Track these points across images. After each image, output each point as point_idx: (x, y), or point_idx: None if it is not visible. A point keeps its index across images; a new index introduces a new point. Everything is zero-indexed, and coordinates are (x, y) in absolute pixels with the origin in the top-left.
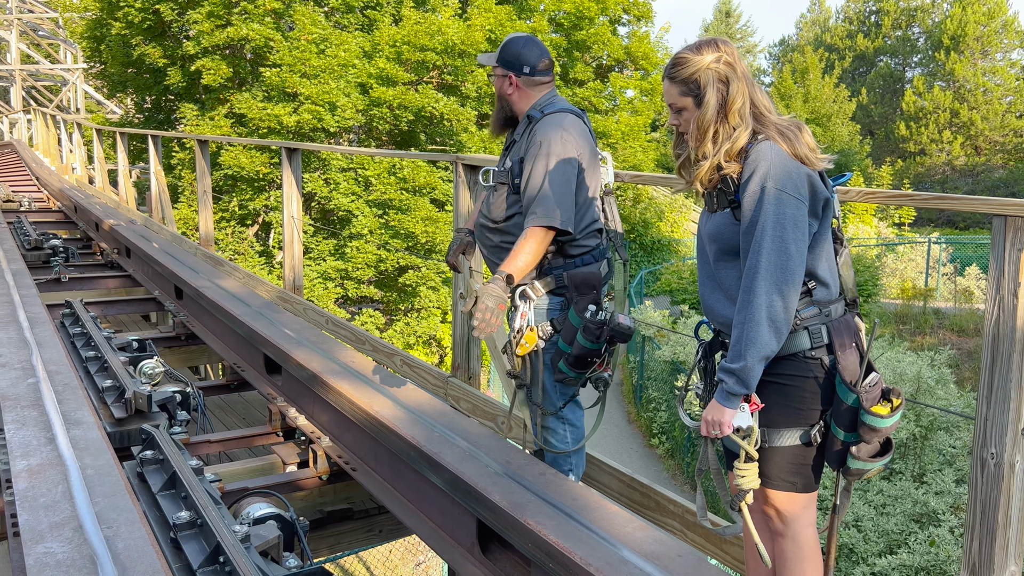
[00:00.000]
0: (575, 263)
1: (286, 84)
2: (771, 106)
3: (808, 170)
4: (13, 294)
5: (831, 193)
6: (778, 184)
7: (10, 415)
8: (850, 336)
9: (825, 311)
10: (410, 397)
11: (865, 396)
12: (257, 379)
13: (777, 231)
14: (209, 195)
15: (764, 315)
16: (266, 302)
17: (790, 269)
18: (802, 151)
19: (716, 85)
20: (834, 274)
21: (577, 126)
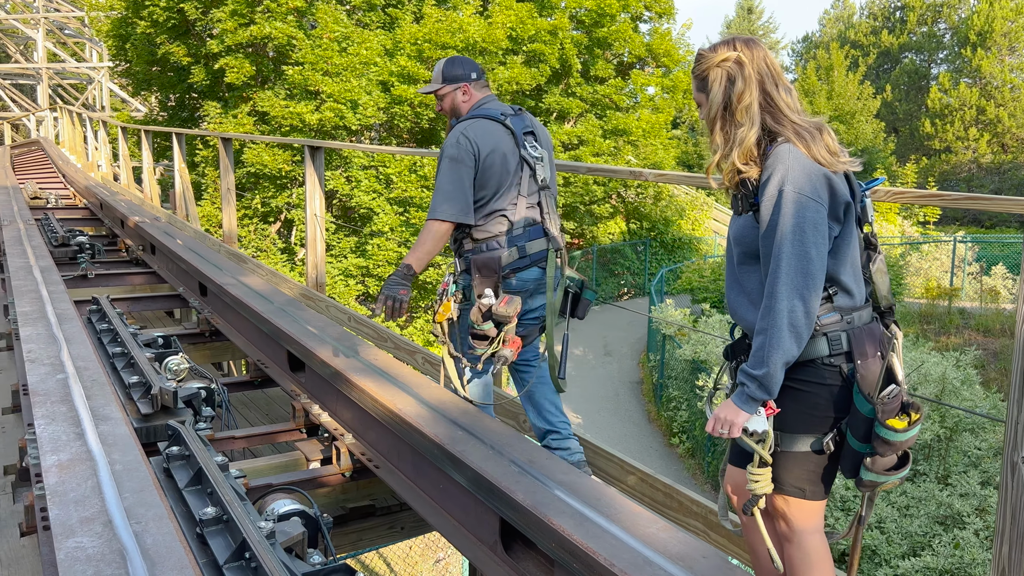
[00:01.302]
0: (480, 248)
1: (308, 82)
2: (795, 105)
3: (827, 172)
4: (42, 290)
5: (863, 197)
6: (796, 187)
7: (40, 410)
8: (873, 345)
9: (847, 318)
10: (433, 395)
11: (882, 408)
12: (281, 376)
13: (797, 235)
14: (232, 192)
15: (786, 321)
16: (289, 299)
17: (811, 274)
18: (820, 153)
19: (722, 82)
20: (859, 280)
21: (482, 128)
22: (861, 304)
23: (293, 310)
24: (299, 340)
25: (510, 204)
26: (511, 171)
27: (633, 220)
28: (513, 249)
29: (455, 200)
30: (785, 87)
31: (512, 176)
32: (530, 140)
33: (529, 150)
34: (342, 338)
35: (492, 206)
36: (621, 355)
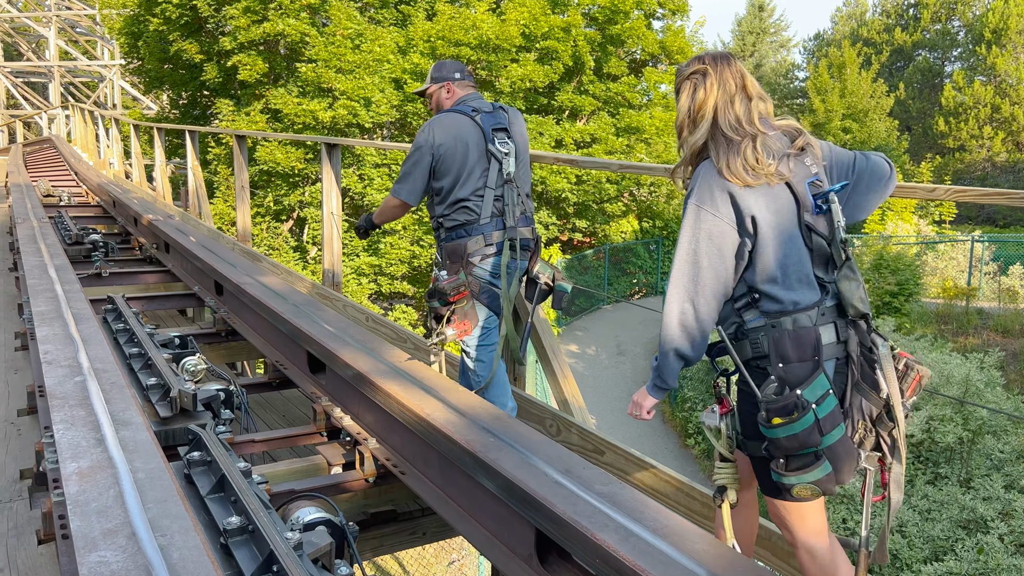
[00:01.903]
0: (450, 236)
1: (321, 79)
2: (750, 116)
3: (733, 188)
4: (57, 289)
5: (820, 205)
6: (698, 200)
7: (59, 414)
8: (798, 350)
9: (773, 322)
10: (460, 399)
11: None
12: (300, 377)
13: (691, 244)
14: (247, 190)
15: (676, 321)
16: (307, 299)
17: (701, 281)
18: (735, 168)
19: (688, 92)
20: (790, 287)
21: (448, 122)
22: (793, 309)
23: (312, 310)
24: (319, 341)
25: (475, 195)
26: (473, 163)
27: (645, 219)
28: (479, 237)
29: (405, 183)
30: (748, 97)
31: (475, 168)
32: (500, 136)
33: (498, 145)
34: (363, 339)
35: (455, 195)
36: (635, 355)
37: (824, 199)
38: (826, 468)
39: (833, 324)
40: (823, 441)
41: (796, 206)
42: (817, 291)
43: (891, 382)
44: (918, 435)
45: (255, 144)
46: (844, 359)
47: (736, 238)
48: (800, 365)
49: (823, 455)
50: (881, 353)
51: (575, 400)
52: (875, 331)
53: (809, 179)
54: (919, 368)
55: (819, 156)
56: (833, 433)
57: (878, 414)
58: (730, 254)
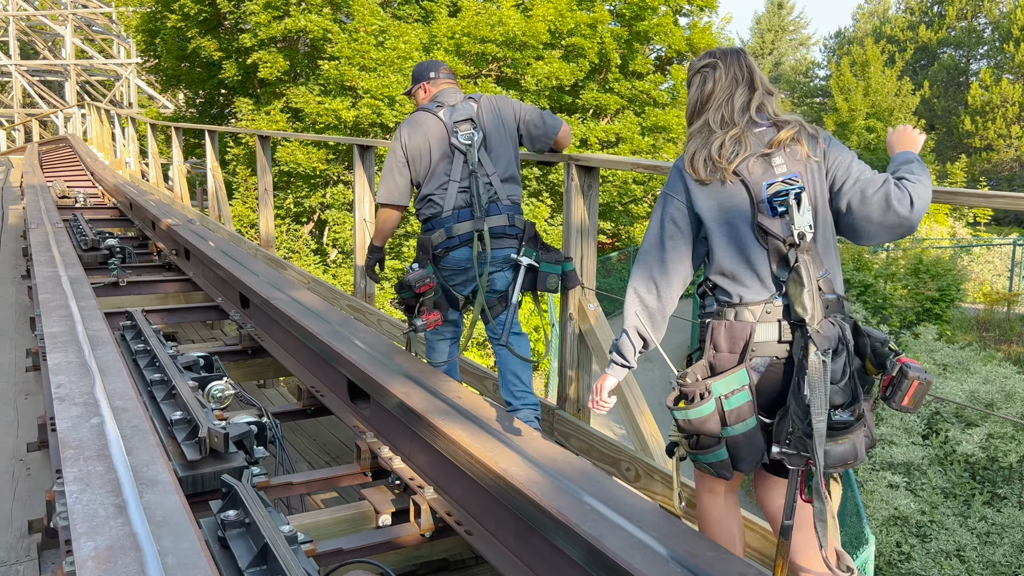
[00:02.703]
0: (423, 231)
1: (344, 77)
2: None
3: (689, 180)
4: (71, 305)
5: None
6: (666, 187)
7: (72, 470)
8: (729, 341)
9: (720, 311)
10: (537, 448)
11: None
12: (340, 407)
13: (657, 228)
14: (270, 194)
15: (635, 298)
16: (344, 317)
17: (663, 261)
18: (697, 159)
19: (698, 85)
20: (739, 282)
21: (415, 121)
22: (738, 303)
23: (351, 331)
24: (362, 368)
25: (439, 189)
26: (437, 159)
27: None
28: (441, 231)
29: (387, 186)
30: (751, 91)
31: (439, 163)
32: (463, 128)
33: (460, 138)
34: (411, 367)
35: (423, 191)
36: (662, 360)
37: (781, 201)
38: (722, 455)
39: (777, 323)
40: (723, 431)
41: (751, 206)
42: (770, 289)
43: (814, 394)
44: (976, 453)
45: (275, 144)
46: (784, 359)
47: (695, 225)
48: (728, 356)
49: (723, 442)
50: (810, 361)
51: (653, 438)
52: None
53: (771, 180)
54: (916, 374)
55: (804, 156)
56: (737, 426)
57: (804, 419)
58: (691, 239)
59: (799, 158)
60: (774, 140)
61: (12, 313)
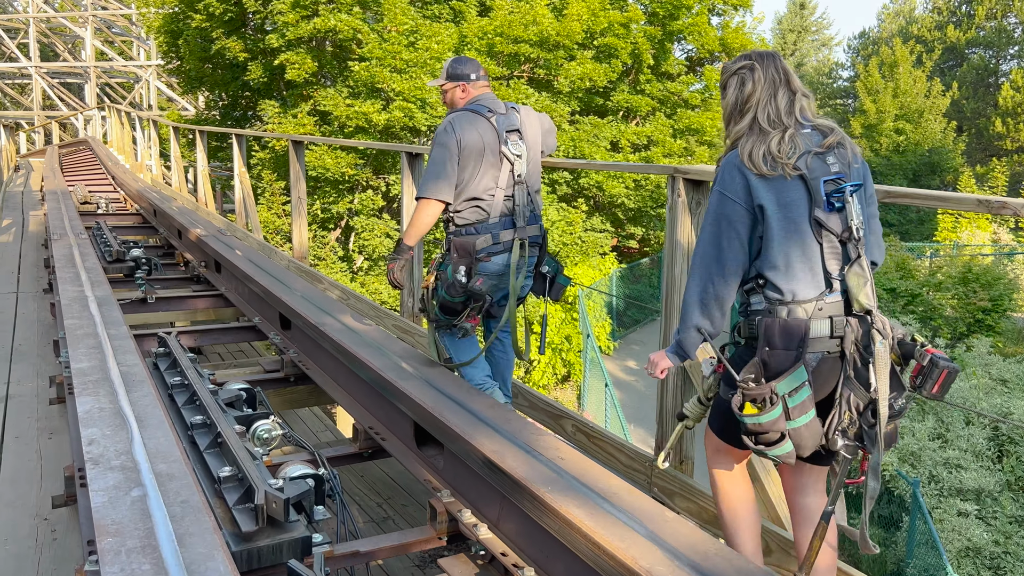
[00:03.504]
0: (460, 232)
1: (375, 79)
2: (789, 108)
3: (749, 175)
4: (101, 333)
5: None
6: (720, 186)
7: (113, 566)
8: (784, 339)
9: (771, 308)
10: (678, 535)
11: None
12: (404, 454)
13: (713, 227)
14: (304, 202)
15: (696, 297)
16: (405, 349)
17: (721, 260)
18: (756, 156)
19: (736, 86)
20: (793, 278)
21: (466, 120)
22: (791, 300)
23: (415, 365)
24: (431, 410)
25: (487, 194)
26: (487, 163)
27: None
28: (488, 235)
29: (438, 181)
30: (791, 92)
31: (489, 169)
32: (513, 138)
33: (510, 147)
34: (494, 414)
35: (468, 193)
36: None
37: (839, 196)
38: (788, 447)
39: (829, 319)
40: (788, 425)
41: (808, 201)
42: (821, 285)
43: (881, 380)
44: None
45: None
46: (838, 353)
47: (751, 223)
48: (784, 353)
49: (788, 436)
50: (876, 350)
51: (784, 504)
52: (877, 329)
53: (827, 177)
54: (946, 364)
55: (849, 158)
56: (800, 419)
57: (864, 408)
58: (747, 237)
59: (846, 160)
60: (825, 142)
61: (34, 333)
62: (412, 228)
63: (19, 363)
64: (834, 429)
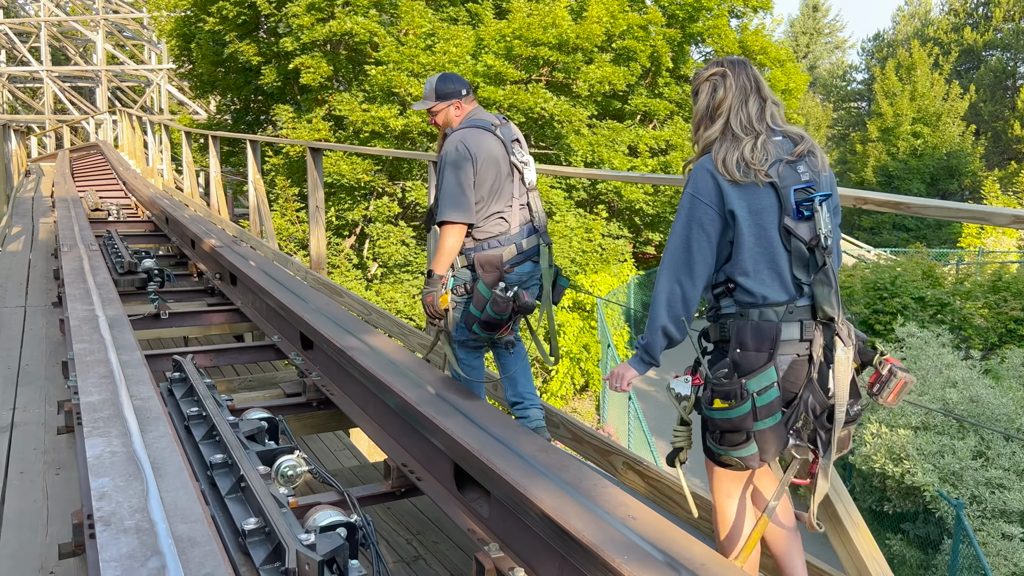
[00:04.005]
0: (482, 246)
1: (393, 83)
2: (759, 116)
3: (722, 181)
4: (112, 360)
5: (803, 209)
6: (692, 189)
7: None
8: (757, 341)
9: (743, 311)
10: None
11: (711, 388)
12: (443, 497)
13: (684, 230)
14: (322, 211)
15: (664, 300)
16: (440, 377)
17: (690, 263)
18: (729, 161)
19: (707, 92)
20: (762, 282)
21: (475, 137)
22: (761, 303)
23: (452, 397)
24: (473, 451)
25: (506, 206)
26: (503, 176)
27: None
28: (512, 246)
29: (461, 203)
30: (761, 100)
31: (505, 180)
32: (516, 147)
33: (517, 156)
34: (548, 457)
35: (491, 208)
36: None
37: (808, 205)
38: (752, 448)
39: (799, 323)
40: (755, 425)
41: (779, 208)
42: (790, 290)
43: (839, 386)
44: None
45: None
46: (806, 356)
47: (722, 227)
48: (755, 355)
49: (753, 437)
50: (837, 356)
51: (875, 563)
52: (839, 335)
53: (797, 185)
54: (903, 375)
55: (819, 166)
56: (767, 420)
57: (821, 411)
58: (716, 241)
59: (816, 169)
60: (795, 150)
61: (42, 353)
62: (442, 256)
63: (26, 385)
64: (789, 428)
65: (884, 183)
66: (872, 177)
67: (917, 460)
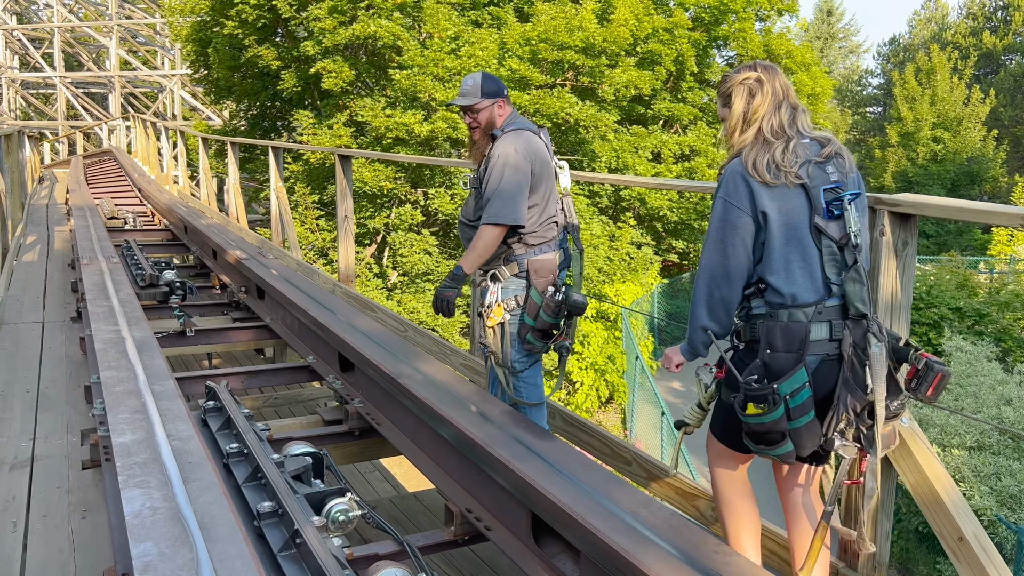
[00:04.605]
0: (535, 251)
1: (418, 88)
2: (789, 121)
3: (754, 183)
4: (144, 391)
5: (834, 209)
6: (724, 193)
7: None
8: (787, 341)
9: (772, 312)
10: None
11: (744, 392)
12: (519, 553)
13: (718, 233)
14: (351, 221)
15: (703, 300)
16: (509, 413)
17: (725, 265)
18: (760, 165)
19: (744, 96)
20: (794, 283)
21: (529, 140)
22: (793, 304)
23: (526, 435)
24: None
25: (556, 210)
26: (552, 179)
27: None
28: (560, 251)
29: (516, 205)
30: (791, 106)
31: (551, 183)
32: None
33: (557, 160)
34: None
35: (546, 212)
36: None
37: (838, 204)
38: (788, 447)
39: (828, 323)
40: (790, 425)
41: (809, 208)
42: (820, 290)
43: (877, 382)
44: None
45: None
46: (836, 356)
47: (755, 229)
48: (784, 356)
49: (788, 436)
50: (872, 353)
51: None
52: (873, 333)
53: (827, 185)
54: (940, 368)
55: (846, 168)
56: (801, 419)
57: (861, 409)
58: (751, 243)
59: (844, 170)
60: (823, 152)
61: (62, 374)
62: (474, 254)
63: (46, 412)
64: (832, 430)
65: (904, 189)
66: (892, 183)
67: (973, 482)
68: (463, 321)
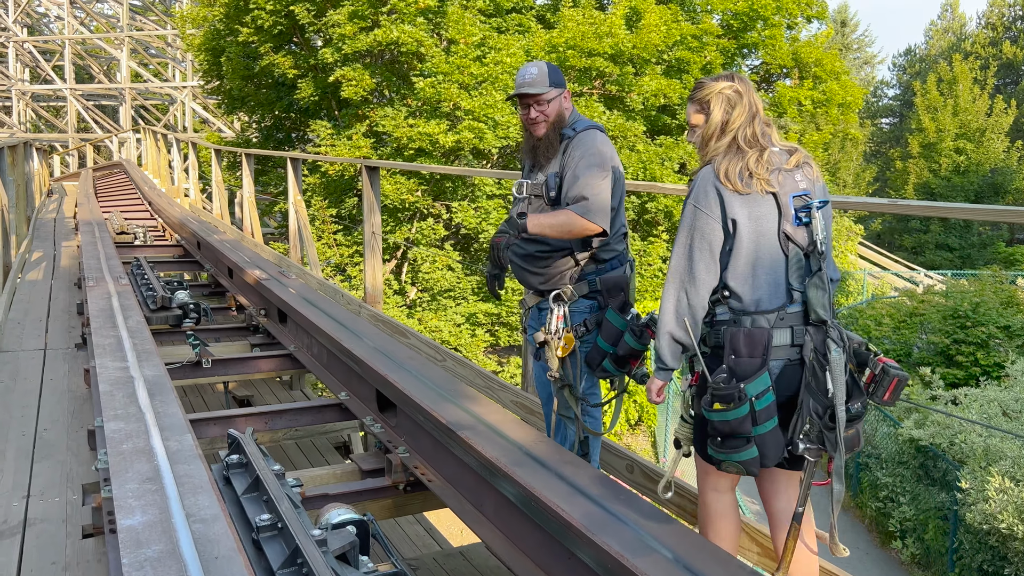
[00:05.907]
0: (606, 268)
1: (442, 96)
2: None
3: (724, 191)
4: (158, 451)
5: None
6: (694, 199)
7: None
8: (749, 347)
9: (736, 318)
10: None
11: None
12: None
13: (686, 240)
14: (378, 237)
15: (672, 307)
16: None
17: (693, 272)
18: (732, 173)
19: (723, 106)
20: (757, 288)
21: (607, 140)
22: (754, 310)
23: (620, 506)
24: None
25: (626, 219)
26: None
27: None
28: (628, 265)
29: (607, 212)
30: (762, 120)
31: (624, 191)
32: None
33: None
34: None
35: (621, 221)
36: None
37: (806, 212)
38: (752, 452)
39: (790, 328)
40: (755, 430)
41: (778, 215)
42: (783, 296)
43: (837, 386)
44: None
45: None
46: (799, 360)
47: (723, 236)
48: (748, 361)
49: (753, 441)
50: (832, 358)
51: None
52: (832, 338)
53: (795, 193)
54: (896, 372)
55: (814, 176)
56: (765, 424)
57: (824, 412)
58: (718, 250)
59: (811, 178)
60: (792, 160)
61: (63, 412)
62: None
63: (43, 460)
64: (797, 433)
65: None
66: (913, 195)
67: None
68: (487, 340)
